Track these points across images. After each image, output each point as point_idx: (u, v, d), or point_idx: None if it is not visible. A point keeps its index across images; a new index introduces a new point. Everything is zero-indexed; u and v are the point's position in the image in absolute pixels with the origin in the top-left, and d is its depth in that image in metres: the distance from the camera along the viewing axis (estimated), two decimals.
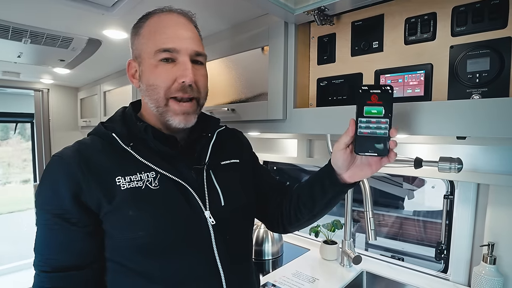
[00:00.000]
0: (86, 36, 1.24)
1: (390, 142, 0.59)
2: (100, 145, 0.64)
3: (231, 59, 1.10)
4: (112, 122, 0.69)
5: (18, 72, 2.13)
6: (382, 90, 0.59)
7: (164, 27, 0.66)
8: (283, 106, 0.93)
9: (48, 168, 0.61)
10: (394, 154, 0.61)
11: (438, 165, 0.69)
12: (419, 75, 0.72)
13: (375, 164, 0.63)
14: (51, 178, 0.60)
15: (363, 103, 0.60)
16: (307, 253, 1.36)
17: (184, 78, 0.63)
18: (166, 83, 0.64)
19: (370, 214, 0.91)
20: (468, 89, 0.65)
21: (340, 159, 0.65)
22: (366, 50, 0.82)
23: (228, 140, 0.82)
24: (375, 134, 0.59)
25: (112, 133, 0.64)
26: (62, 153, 0.62)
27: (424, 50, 0.72)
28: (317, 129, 0.87)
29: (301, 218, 0.78)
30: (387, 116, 0.59)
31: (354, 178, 0.67)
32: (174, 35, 0.65)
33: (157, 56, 0.64)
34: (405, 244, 2.71)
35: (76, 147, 0.63)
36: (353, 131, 0.61)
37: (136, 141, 0.65)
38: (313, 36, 0.96)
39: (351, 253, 1.14)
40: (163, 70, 0.64)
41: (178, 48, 0.64)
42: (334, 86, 0.90)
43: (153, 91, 0.65)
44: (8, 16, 1.05)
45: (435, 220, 2.45)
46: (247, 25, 1.05)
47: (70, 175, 0.59)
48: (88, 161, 0.60)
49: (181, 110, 0.65)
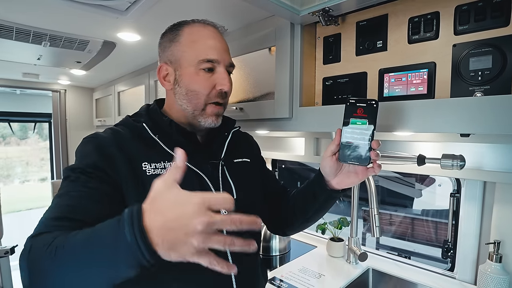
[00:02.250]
0: (101, 39, 1.30)
1: (371, 152, 0.63)
2: (130, 134, 0.68)
3: (240, 60, 1.13)
4: (139, 116, 0.74)
5: (37, 74, 2.23)
6: (367, 104, 0.64)
7: (206, 38, 0.71)
8: (289, 105, 0.95)
9: (81, 146, 0.64)
10: (378, 166, 0.65)
11: (440, 162, 0.71)
12: (423, 73, 0.73)
13: (361, 173, 0.68)
14: (84, 152, 0.62)
15: (349, 115, 0.66)
16: (314, 250, 1.38)
17: (223, 87, 0.71)
18: (207, 90, 0.70)
19: (375, 212, 0.92)
20: (471, 86, 0.66)
21: (327, 166, 0.70)
22: (370, 49, 0.84)
23: (241, 141, 0.88)
24: (358, 144, 0.64)
25: (143, 123, 0.70)
26: (96, 135, 0.66)
27: (427, 49, 0.73)
28: (322, 127, 0.89)
29: (295, 222, 0.83)
30: (370, 128, 0.63)
31: (342, 185, 0.71)
32: (215, 47, 0.71)
33: (200, 65, 0.70)
34: (414, 244, 2.69)
35: (109, 132, 0.68)
36: (339, 140, 0.67)
37: (161, 133, 0.70)
38: (319, 36, 0.98)
39: (357, 250, 1.16)
40: (204, 78, 0.70)
41: (219, 59, 0.71)
42: (339, 85, 0.92)
43: (194, 96, 0.71)
44: (29, 21, 1.12)
45: (443, 220, 2.42)
46: (254, 26, 1.08)
47: (104, 148, 0.62)
48: (120, 144, 0.65)
49: (215, 112, 0.72)
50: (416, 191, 3.43)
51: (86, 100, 2.94)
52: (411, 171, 0.96)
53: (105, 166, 0.60)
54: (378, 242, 3.56)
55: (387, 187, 3.91)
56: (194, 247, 0.39)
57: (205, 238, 0.39)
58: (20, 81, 2.53)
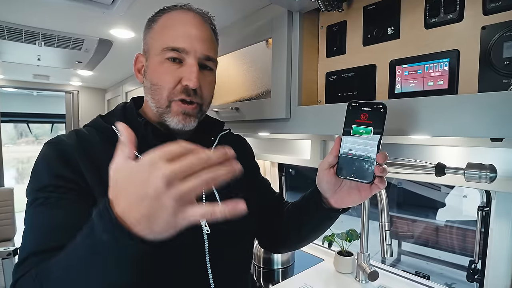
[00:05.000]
0: (96, 36, 1.25)
1: (376, 167, 0.51)
2: (98, 137, 0.59)
3: (235, 55, 1.04)
4: (112, 116, 0.65)
5: (47, 75, 2.25)
6: (373, 108, 0.53)
7: (177, 24, 0.61)
8: (287, 104, 0.84)
9: (41, 155, 0.55)
10: (382, 182, 0.53)
11: (465, 173, 0.57)
12: (443, 64, 0.61)
13: (364, 191, 0.55)
14: (45, 162, 0.54)
15: (351, 121, 0.55)
16: (320, 264, 1.25)
17: (188, 82, 0.59)
18: (170, 84, 0.60)
19: (386, 227, 0.79)
20: (505, 78, 0.53)
21: (323, 181, 0.58)
22: (380, 37, 0.72)
23: (231, 145, 0.76)
24: (360, 157, 0.53)
25: (112, 126, 0.60)
26: (57, 140, 0.57)
27: (449, 34, 0.60)
28: (324, 129, 0.77)
29: (288, 240, 0.73)
30: (375, 138, 0.52)
31: (341, 204, 0.59)
32: (185, 34, 0.60)
33: (164, 54, 0.60)
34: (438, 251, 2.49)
35: (73, 135, 0.58)
36: (337, 151, 0.55)
37: (135, 137, 0.61)
38: (322, 25, 0.86)
39: (367, 267, 1.02)
40: (168, 70, 0.60)
41: (187, 48, 0.60)
42: (344, 81, 0.80)
43: (156, 91, 0.61)
44: (19, 20, 1.08)
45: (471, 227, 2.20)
46: (250, 18, 0.98)
47: (67, 155, 0.54)
48: (85, 149, 0.55)
49: (181, 110, 0.61)
50: (442, 195, 3.20)
51: (98, 101, 2.95)
52: (429, 180, 0.82)
53: (73, 176, 0.52)
54: (399, 248, 3.35)
55: (409, 189, 3.68)
56: (170, 205, 0.33)
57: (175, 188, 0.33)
58: (34, 83, 2.57)
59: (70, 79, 2.48)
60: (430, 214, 2.99)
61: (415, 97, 0.61)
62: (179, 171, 0.33)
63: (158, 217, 0.34)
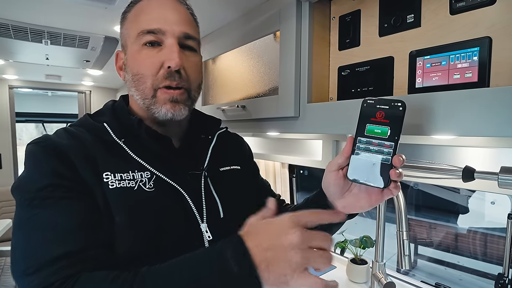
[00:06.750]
0: (101, 34, 1.23)
1: (391, 171, 0.46)
2: (88, 136, 0.54)
3: (242, 51, 0.98)
4: (101, 115, 0.60)
5: (59, 75, 2.27)
6: (390, 106, 0.48)
7: (150, 8, 0.57)
8: (295, 101, 0.78)
9: (33, 154, 0.50)
10: (397, 187, 0.48)
11: (498, 178, 0.50)
12: (471, 54, 0.53)
13: (375, 196, 0.50)
14: (40, 161, 0.49)
15: (366, 120, 0.50)
16: (331, 272, 1.18)
17: (170, 62, 0.54)
18: (152, 70, 0.55)
19: (404, 236, 0.72)
20: None
21: (331, 183, 0.53)
22: (398, 26, 0.65)
23: (229, 144, 0.72)
24: (374, 159, 0.48)
25: (104, 123, 0.56)
26: (46, 138, 0.52)
27: (479, 20, 0.53)
28: (335, 128, 0.71)
29: None
30: (392, 139, 0.48)
31: (349, 209, 0.53)
32: (159, 16, 0.57)
33: (140, 39, 0.56)
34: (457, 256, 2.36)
35: (62, 133, 0.54)
36: (349, 151, 0.50)
37: (128, 137, 0.57)
38: (334, 16, 0.80)
39: (382, 278, 0.95)
40: (147, 56, 0.56)
41: (163, 29, 0.55)
42: (358, 75, 0.73)
43: (139, 81, 0.56)
44: (23, 18, 1.07)
45: (496, 233, 2.07)
46: (256, 11, 0.92)
47: (61, 153, 0.49)
48: (78, 147, 0.51)
49: (168, 97, 0.56)
50: (462, 198, 3.06)
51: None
52: (454, 185, 0.74)
53: (71, 174, 0.48)
54: (416, 253, 3.22)
55: (426, 190, 3.53)
56: (295, 261, 0.38)
57: (305, 250, 0.38)
58: (48, 83, 2.61)
59: (82, 79, 2.50)
60: (451, 219, 2.85)
61: (441, 91, 0.54)
62: (310, 241, 0.39)
63: (277, 267, 0.38)
